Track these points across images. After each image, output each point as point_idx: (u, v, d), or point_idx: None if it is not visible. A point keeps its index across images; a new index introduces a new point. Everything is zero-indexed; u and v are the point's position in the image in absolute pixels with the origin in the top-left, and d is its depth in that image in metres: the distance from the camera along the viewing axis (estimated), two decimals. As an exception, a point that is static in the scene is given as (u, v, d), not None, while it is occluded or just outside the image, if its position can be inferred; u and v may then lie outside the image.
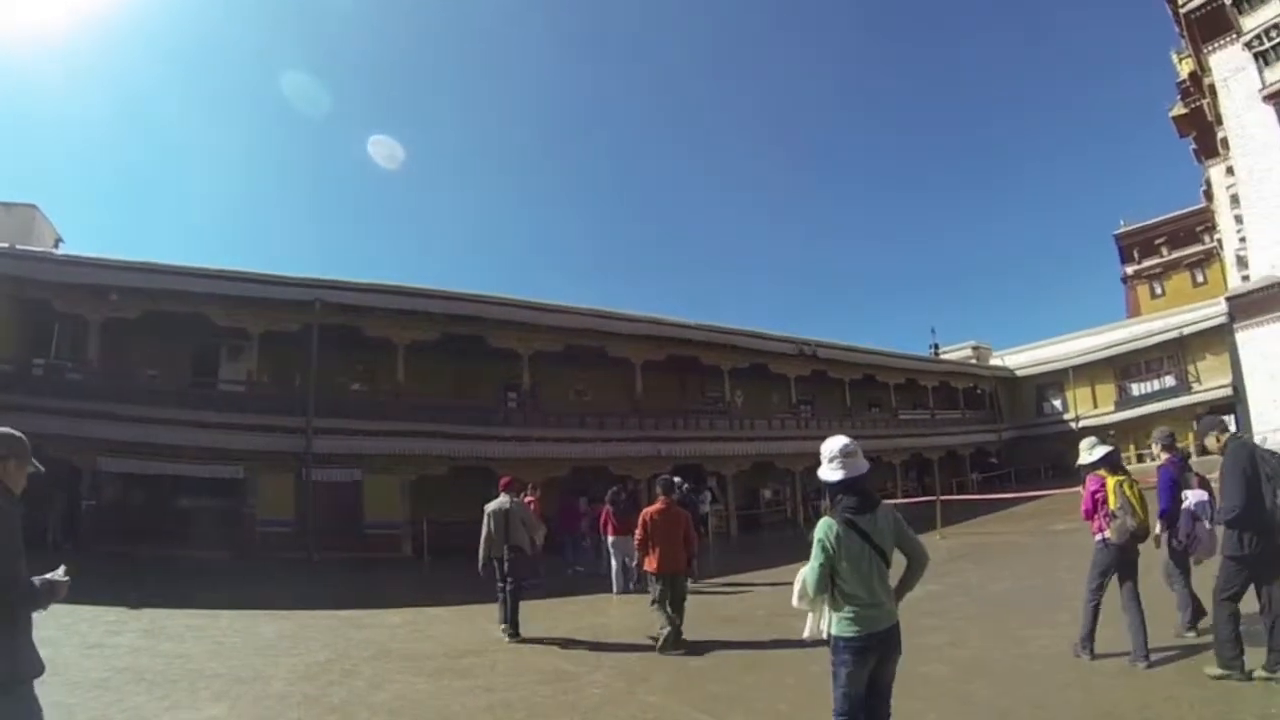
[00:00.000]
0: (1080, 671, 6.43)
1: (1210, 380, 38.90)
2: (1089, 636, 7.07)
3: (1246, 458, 5.85)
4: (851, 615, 4.07)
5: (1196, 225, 58.17)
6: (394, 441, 21.56)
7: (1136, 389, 42.95)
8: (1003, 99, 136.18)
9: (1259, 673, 5.78)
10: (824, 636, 4.26)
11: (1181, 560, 7.29)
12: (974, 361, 49.00)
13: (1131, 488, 6.87)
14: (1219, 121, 43.83)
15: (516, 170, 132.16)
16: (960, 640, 8.01)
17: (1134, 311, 59.87)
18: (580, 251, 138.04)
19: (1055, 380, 46.82)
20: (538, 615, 11.12)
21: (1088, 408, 44.45)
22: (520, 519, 10.40)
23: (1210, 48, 40.37)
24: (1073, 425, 43.33)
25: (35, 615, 3.38)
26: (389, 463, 21.32)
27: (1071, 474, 38.12)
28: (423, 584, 16.95)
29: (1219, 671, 5.99)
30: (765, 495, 31.19)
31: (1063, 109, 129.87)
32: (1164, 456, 7.36)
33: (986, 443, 43.64)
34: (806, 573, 4.28)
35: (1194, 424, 30.92)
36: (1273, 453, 6.17)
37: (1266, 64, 37.83)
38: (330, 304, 21.14)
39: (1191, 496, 7.06)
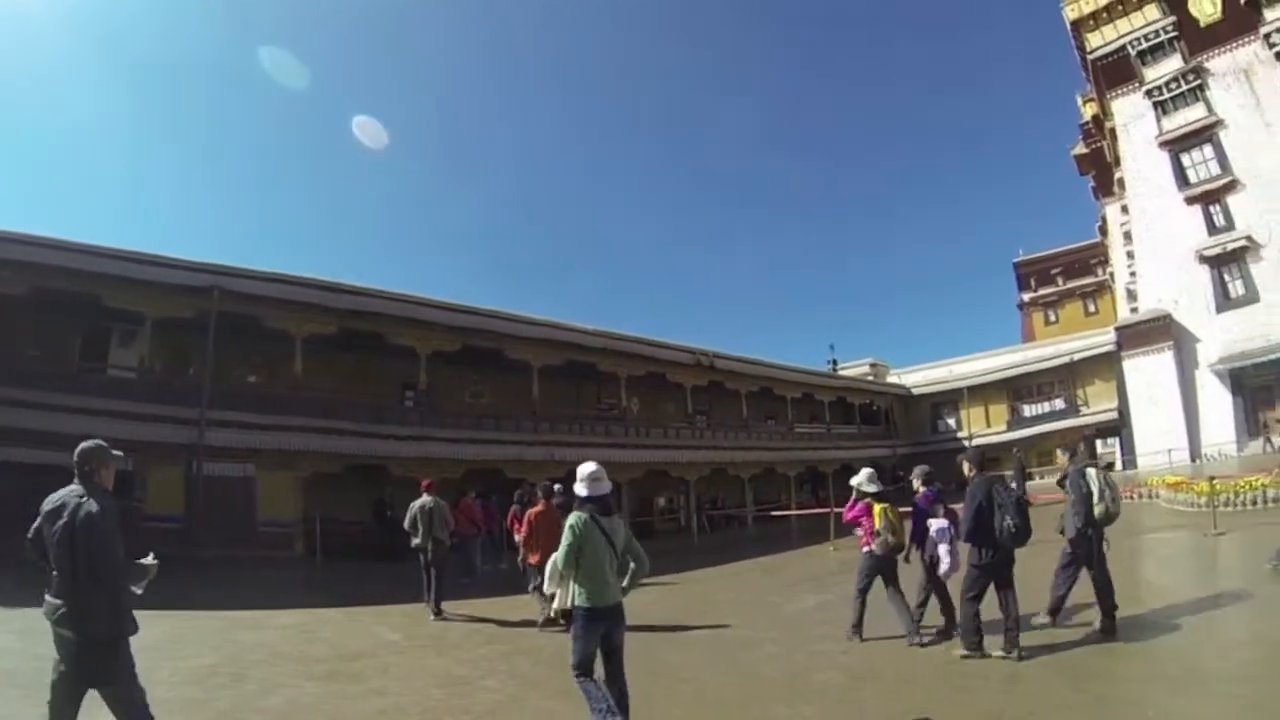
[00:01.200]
0: (967, 677, 6.64)
1: (1097, 404, 40.28)
2: (858, 624, 8.44)
3: (984, 490, 7.24)
4: (589, 591, 5.29)
5: (1091, 258, 61.47)
6: (289, 437, 20.87)
7: (1028, 410, 45.11)
8: (913, 131, 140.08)
9: (996, 652, 7.10)
10: (569, 608, 5.48)
11: (930, 573, 8.48)
12: (871, 378, 49.69)
13: (892, 513, 8.45)
14: (1117, 163, 46.54)
15: (423, 164, 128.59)
16: (851, 647, 8.05)
17: (1029, 337, 62.22)
18: (480, 253, 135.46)
19: (950, 399, 48.22)
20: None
21: (981, 427, 46.06)
22: (441, 517, 11.57)
23: (1114, 94, 42.88)
24: (966, 443, 44.87)
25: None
26: (283, 459, 20.65)
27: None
28: (315, 585, 16.31)
29: (963, 652, 7.32)
30: (659, 504, 31.35)
31: (971, 142, 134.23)
32: (921, 490, 8.62)
33: (881, 458, 44.37)
34: (559, 554, 5.42)
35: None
36: (1009, 487, 7.78)
37: (1165, 113, 40.45)
38: (229, 292, 20.24)
39: (934, 524, 8.36)
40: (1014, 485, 28.11)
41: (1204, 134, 37.28)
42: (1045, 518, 8.86)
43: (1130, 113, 40.98)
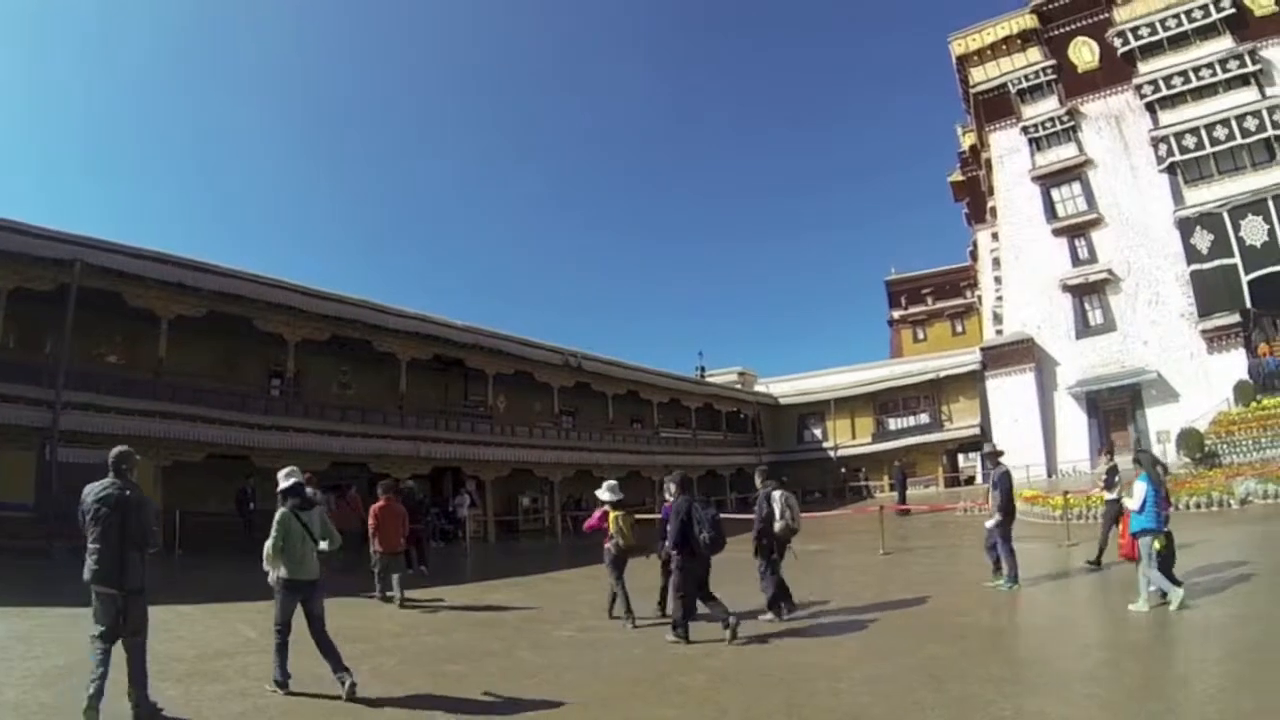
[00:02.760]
0: (830, 679, 6.82)
1: (960, 420, 41.67)
2: (615, 608, 10.04)
3: (686, 507, 8.69)
4: (288, 567, 6.65)
5: (961, 281, 64.38)
6: (150, 423, 19.27)
7: (893, 424, 45.55)
8: (790, 146, 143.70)
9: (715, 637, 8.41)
10: (272, 582, 6.76)
11: (666, 569, 9.72)
12: (739, 386, 49.91)
13: (624, 519, 10.19)
14: (991, 192, 48.77)
15: (293, 151, 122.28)
16: (715, 650, 8.14)
17: (897, 352, 64.08)
18: (346, 240, 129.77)
19: (817, 410, 49.20)
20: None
21: (846, 438, 47.35)
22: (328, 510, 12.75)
23: (992, 127, 44.72)
24: (832, 454, 46.42)
25: None
26: (142, 445, 18.70)
27: (831, 500, 40.39)
28: (175, 579, 15.13)
29: (673, 638, 8.48)
30: (524, 503, 30.92)
31: (851, 164, 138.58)
32: (673, 495, 9.43)
33: (747, 465, 44.94)
34: (268, 542, 6.68)
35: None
36: (705, 502, 9.34)
37: (1039, 149, 42.61)
38: (93, 266, 18.37)
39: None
40: (896, 490, 29.51)
41: (1074, 172, 39.64)
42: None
43: (1007, 146, 43.04)
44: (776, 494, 9.74)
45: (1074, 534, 15.17)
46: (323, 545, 6.89)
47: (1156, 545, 8.47)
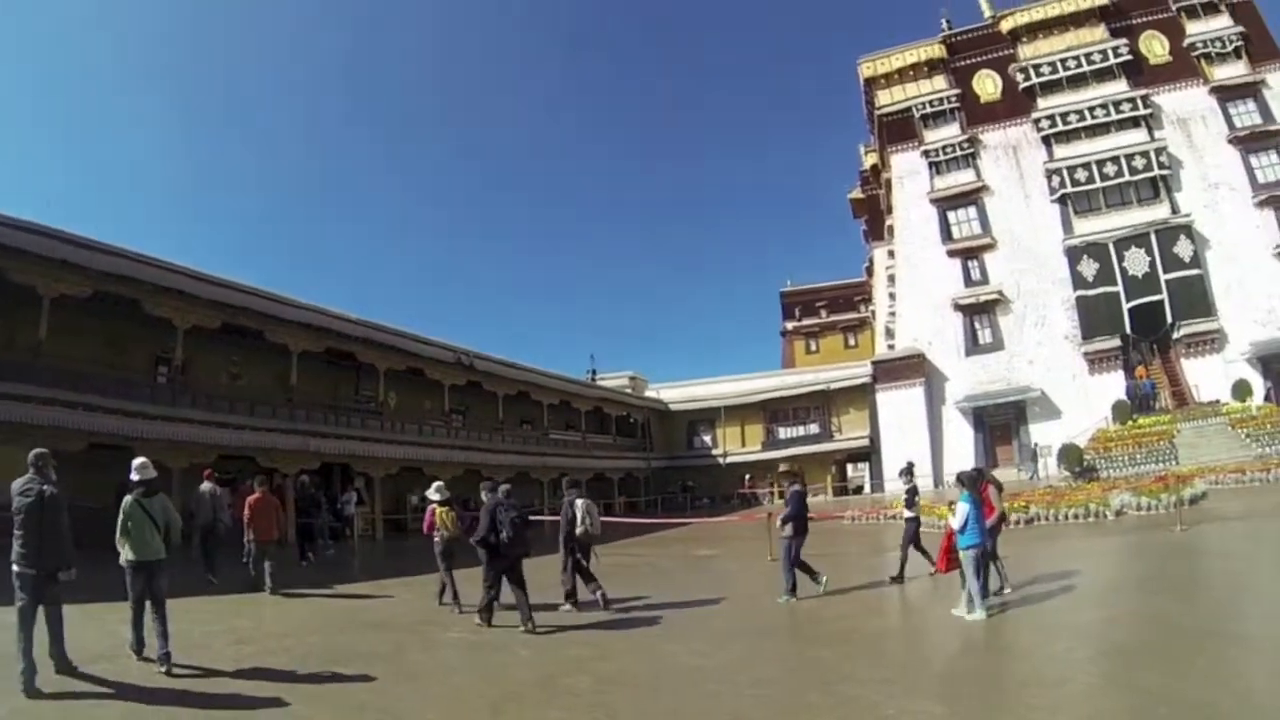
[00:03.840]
0: (719, 682, 6.90)
1: (850, 431, 41.83)
2: (444, 596, 11.09)
3: (493, 508, 9.63)
4: (135, 549, 7.30)
5: (855, 295, 66.04)
6: (27, 408, 17.66)
7: (784, 432, 46.95)
8: (695, 157, 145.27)
9: (522, 625, 9.22)
10: (121, 563, 7.38)
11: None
12: (630, 391, 49.43)
13: (448, 515, 11.37)
14: (889, 211, 49.90)
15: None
16: (604, 654, 8.20)
17: (789, 363, 64.84)
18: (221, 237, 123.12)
19: (707, 417, 49.21)
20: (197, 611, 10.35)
21: (736, 445, 47.54)
22: (225, 502, 13.94)
23: (894, 149, 45.80)
24: (721, 460, 46.64)
25: None
26: (18, 432, 17.37)
27: (720, 505, 40.36)
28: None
29: (478, 621, 9.58)
30: (413, 501, 29.91)
31: (755, 176, 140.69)
32: (486, 498, 10.32)
33: (636, 469, 44.79)
34: (117, 527, 7.35)
35: (833, 467, 35.50)
36: (513, 504, 10.01)
37: (939, 173, 43.91)
38: None
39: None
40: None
41: (971, 196, 41.13)
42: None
43: (907, 168, 44.29)
44: (579, 502, 10.88)
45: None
46: (167, 528, 7.59)
47: (973, 557, 8.77)
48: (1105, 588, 10.58)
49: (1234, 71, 38.59)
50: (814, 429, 45.00)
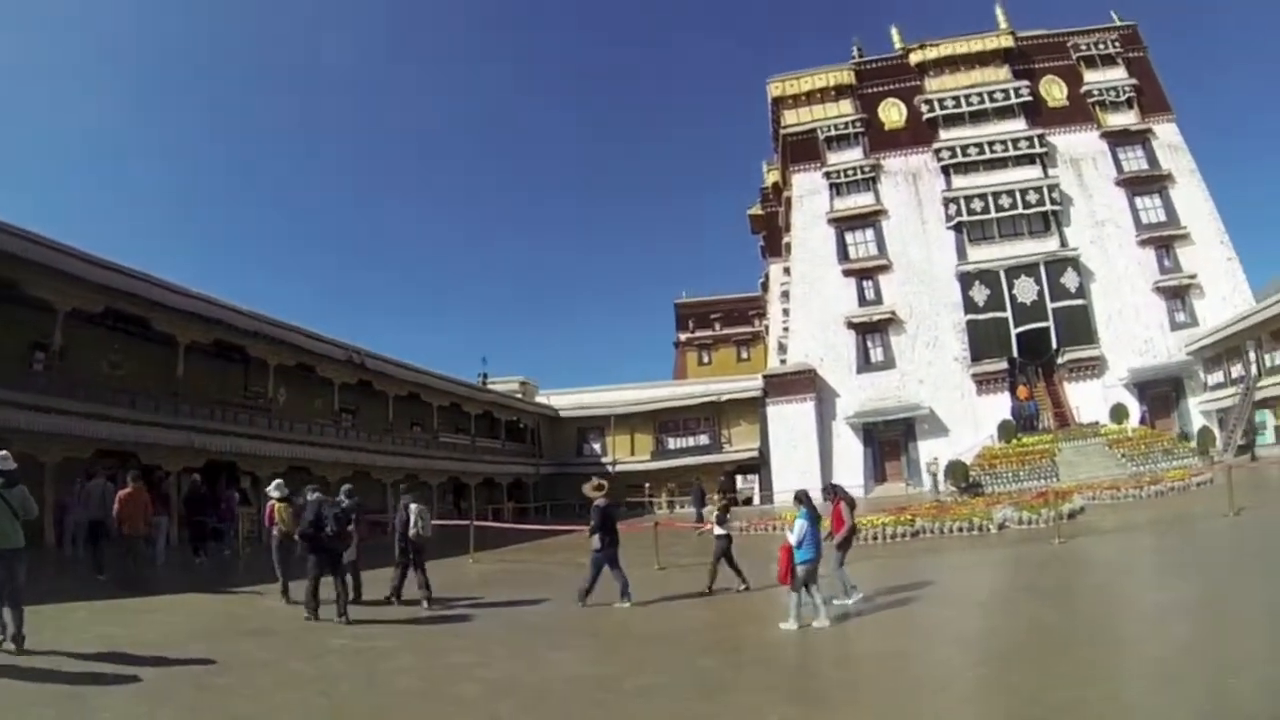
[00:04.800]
0: (604, 690, 6.99)
1: (741, 443, 41.75)
2: (286, 590, 11.83)
3: (316, 507, 10.38)
4: None
5: (750, 309, 67.05)
6: None
7: (673, 443, 47.01)
8: (596, 169, 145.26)
9: (328, 617, 10.04)
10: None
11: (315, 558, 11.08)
12: (520, 396, 48.91)
13: (285, 510, 12.31)
14: (788, 229, 50.28)
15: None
16: (488, 661, 8.15)
17: (681, 374, 65.28)
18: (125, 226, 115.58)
19: (597, 425, 48.70)
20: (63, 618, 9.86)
21: (625, 454, 47.02)
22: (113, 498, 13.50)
23: (797, 168, 46.21)
24: (610, 468, 46.02)
25: None
26: None
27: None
28: None
29: (306, 615, 10.08)
30: (298, 502, 28.34)
31: (655, 189, 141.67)
32: (312, 497, 11.17)
33: (525, 475, 44.14)
34: None
35: (722, 478, 35.43)
36: (337, 502, 10.89)
37: (839, 194, 44.47)
38: None
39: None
40: (694, 507, 29.59)
41: (869, 219, 41.91)
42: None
43: (808, 187, 44.85)
44: (413, 506, 11.57)
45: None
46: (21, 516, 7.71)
47: (807, 570, 9.22)
48: (985, 597, 11.16)
49: (1125, 120, 41.20)
50: (704, 440, 44.76)
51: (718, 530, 12.96)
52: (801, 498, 9.94)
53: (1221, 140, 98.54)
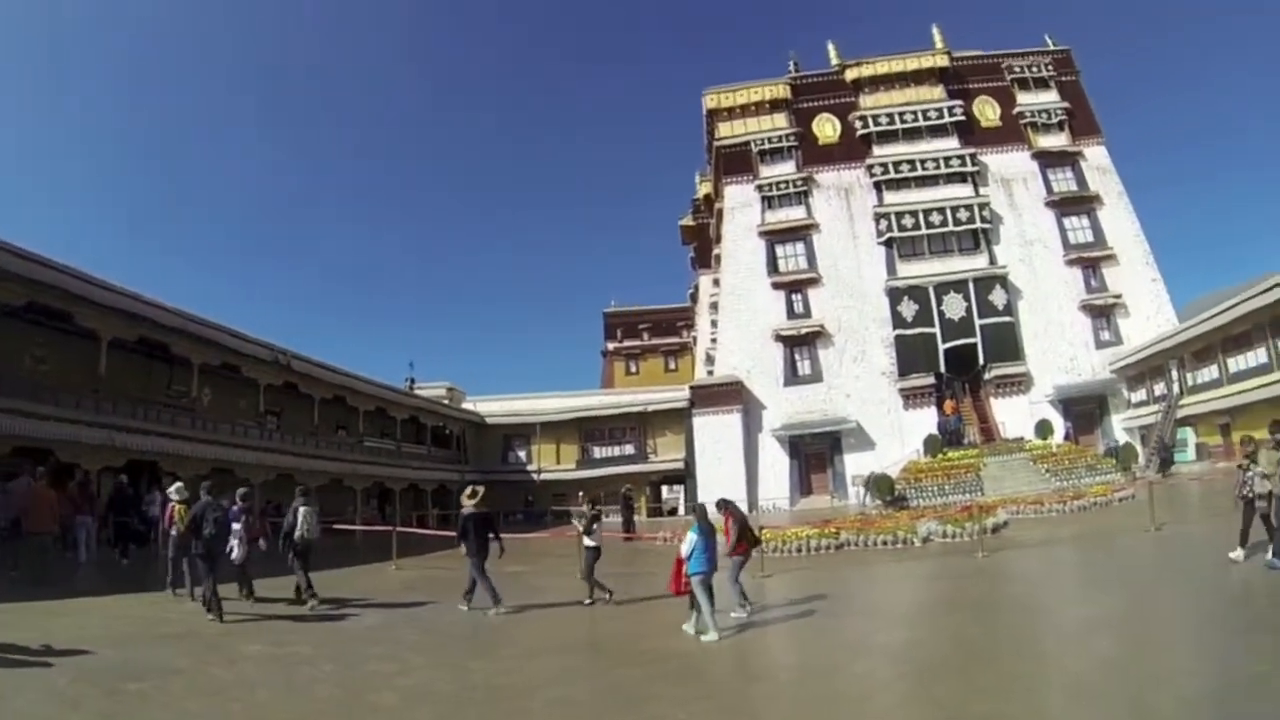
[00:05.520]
0: (523, 699, 6.97)
1: (667, 453, 41.33)
2: (174, 580, 12.47)
3: (201, 509, 10.73)
4: None
5: (678, 320, 67.59)
6: None
7: (599, 452, 46.35)
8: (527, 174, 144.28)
9: (191, 603, 11.31)
10: None
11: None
12: (447, 402, 48.26)
13: (185, 512, 12.06)
14: (719, 240, 49.97)
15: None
16: (407, 669, 8.08)
17: (608, 383, 65.40)
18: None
19: (523, 432, 48.03)
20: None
21: (551, 462, 46.31)
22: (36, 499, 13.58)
23: (729, 180, 45.93)
24: (535, 476, 45.44)
25: None
26: None
27: (534, 521, 39.11)
28: None
29: (209, 616, 10.33)
30: (224, 504, 27.04)
31: (585, 196, 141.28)
32: (241, 503, 12.14)
33: (450, 482, 43.24)
34: None
35: (647, 489, 34.82)
36: (220, 504, 11.32)
37: (770, 207, 44.27)
38: None
39: (235, 527, 12.05)
40: (621, 516, 28.88)
41: (800, 232, 41.90)
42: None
43: (740, 200, 44.68)
44: (302, 509, 12.04)
45: (767, 566, 15.64)
46: None
47: (698, 582, 9.42)
48: (908, 610, 11.42)
49: (1056, 141, 42.12)
50: (630, 450, 44.17)
51: (587, 541, 12.98)
52: (698, 512, 10.39)
53: (1149, 164, 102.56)
